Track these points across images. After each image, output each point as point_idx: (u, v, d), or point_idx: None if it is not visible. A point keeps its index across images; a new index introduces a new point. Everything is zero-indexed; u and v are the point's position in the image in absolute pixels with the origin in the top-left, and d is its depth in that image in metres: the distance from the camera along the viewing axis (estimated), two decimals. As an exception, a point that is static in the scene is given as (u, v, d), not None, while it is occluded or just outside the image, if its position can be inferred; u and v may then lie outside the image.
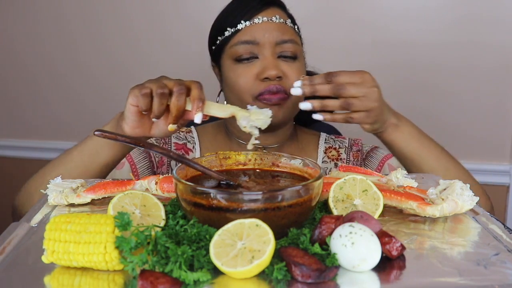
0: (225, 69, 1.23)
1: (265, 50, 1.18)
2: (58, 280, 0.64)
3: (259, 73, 1.17)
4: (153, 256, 0.63)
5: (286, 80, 1.17)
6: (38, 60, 2.16)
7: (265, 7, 1.20)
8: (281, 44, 1.19)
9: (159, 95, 0.92)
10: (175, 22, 2.03)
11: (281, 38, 1.19)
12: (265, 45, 1.18)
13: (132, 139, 0.79)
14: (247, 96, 1.18)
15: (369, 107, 1.03)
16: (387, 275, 0.63)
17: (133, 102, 0.96)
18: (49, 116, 2.23)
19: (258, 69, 1.17)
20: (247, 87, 1.18)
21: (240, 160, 0.89)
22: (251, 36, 1.18)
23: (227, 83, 1.23)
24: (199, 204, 0.69)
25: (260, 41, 1.18)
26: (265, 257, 0.60)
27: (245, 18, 1.19)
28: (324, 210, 0.81)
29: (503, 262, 0.66)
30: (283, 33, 1.20)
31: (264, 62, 1.17)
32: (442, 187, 0.85)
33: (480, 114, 1.97)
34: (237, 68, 1.19)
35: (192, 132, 1.38)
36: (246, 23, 1.19)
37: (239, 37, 1.19)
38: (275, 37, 1.18)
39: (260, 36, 1.18)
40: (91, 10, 2.08)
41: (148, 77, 0.99)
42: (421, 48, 1.93)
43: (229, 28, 1.21)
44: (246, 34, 1.19)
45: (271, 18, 1.19)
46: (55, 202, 0.87)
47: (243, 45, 1.18)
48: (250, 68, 1.18)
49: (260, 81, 1.17)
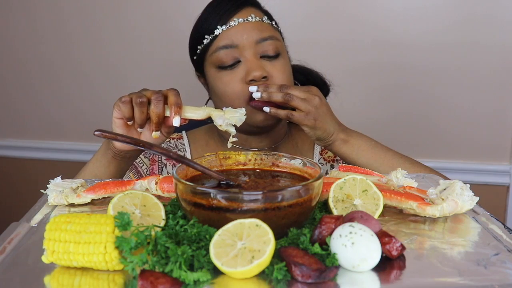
0: (211, 78, 1.22)
1: (246, 51, 1.17)
2: (58, 280, 0.64)
3: (244, 77, 1.16)
4: (153, 256, 0.63)
5: (271, 80, 1.17)
6: (37, 60, 2.16)
7: (239, 8, 1.19)
8: (261, 43, 1.18)
9: (138, 104, 0.99)
10: (173, 23, 2.03)
11: (260, 37, 1.18)
12: (245, 46, 1.17)
13: (132, 139, 0.79)
14: (239, 102, 1.17)
15: (308, 109, 1.09)
16: (387, 275, 0.63)
17: (117, 115, 1.03)
18: (48, 116, 2.23)
19: (243, 72, 1.17)
20: (236, 93, 1.17)
21: (240, 160, 0.89)
22: (229, 40, 1.17)
23: (216, 92, 1.22)
24: (199, 204, 0.69)
25: (240, 43, 1.17)
26: (265, 257, 0.60)
27: (221, 23, 1.18)
28: (324, 210, 0.81)
29: (503, 262, 0.66)
30: (261, 31, 1.19)
31: (247, 64, 1.17)
32: (442, 187, 0.85)
33: (480, 114, 1.97)
34: (222, 75, 1.19)
35: (183, 138, 1.37)
36: (222, 27, 1.18)
37: (218, 43, 1.18)
38: (254, 36, 1.17)
39: (239, 38, 1.17)
40: (89, 11, 2.07)
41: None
42: (421, 48, 1.93)
43: (207, 36, 1.19)
44: (224, 39, 1.18)
45: (247, 18, 1.18)
46: (55, 202, 0.87)
47: (223, 50, 1.17)
48: (235, 73, 1.17)
49: (246, 84, 1.16)
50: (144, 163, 1.31)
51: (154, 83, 2.07)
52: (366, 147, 1.17)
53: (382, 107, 2.03)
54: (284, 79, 1.20)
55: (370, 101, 2.03)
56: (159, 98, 0.99)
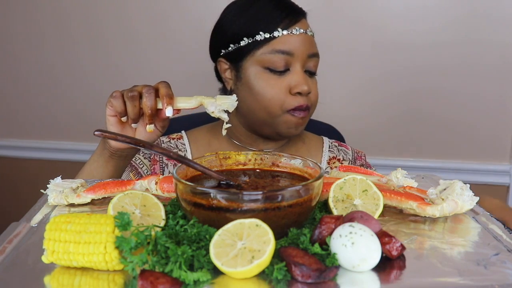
0: (251, 75, 1.19)
1: (298, 63, 1.17)
2: (58, 280, 0.64)
3: (291, 87, 1.17)
4: (153, 256, 0.63)
5: (310, 95, 1.20)
6: (36, 60, 2.16)
7: (301, 18, 1.20)
8: (311, 58, 1.19)
9: (130, 98, 1.00)
10: (174, 22, 2.03)
11: (312, 51, 1.19)
12: (299, 57, 1.17)
13: (132, 139, 0.79)
14: (277, 108, 1.17)
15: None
16: (387, 275, 0.63)
17: (110, 112, 1.04)
18: (47, 116, 2.23)
19: (290, 82, 1.17)
20: (278, 100, 1.17)
21: (240, 160, 0.89)
22: (288, 46, 1.16)
23: (253, 91, 1.19)
24: (199, 204, 0.69)
25: (295, 53, 1.17)
26: (265, 257, 0.60)
27: (283, 26, 1.16)
28: (324, 210, 0.81)
29: (503, 262, 0.66)
30: (313, 46, 1.21)
31: (295, 76, 1.17)
32: (442, 187, 0.85)
33: (480, 114, 1.97)
34: (269, 78, 1.18)
35: (183, 138, 1.36)
36: (283, 31, 1.16)
37: (275, 45, 1.16)
38: (308, 50, 1.18)
39: (297, 47, 1.17)
40: (90, 11, 2.08)
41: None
42: (421, 48, 1.93)
43: (262, 33, 1.17)
44: (283, 44, 1.16)
45: (306, 30, 1.19)
46: (55, 202, 0.87)
47: (279, 54, 1.16)
48: (282, 80, 1.17)
49: (291, 95, 1.17)
50: (145, 164, 1.30)
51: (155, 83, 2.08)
52: None
53: (381, 108, 2.03)
54: (317, 96, 1.24)
55: (370, 101, 2.04)
56: (150, 91, 0.99)
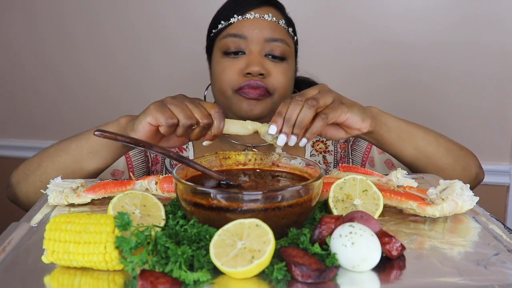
0: (213, 62, 1.25)
1: (252, 46, 1.19)
2: (58, 280, 0.64)
3: (243, 68, 1.19)
4: (153, 256, 0.63)
5: (269, 79, 1.19)
6: (38, 60, 2.16)
7: (260, 5, 1.22)
8: (270, 42, 1.20)
9: (185, 128, 0.94)
10: (174, 22, 2.03)
11: (270, 36, 1.20)
12: (253, 40, 1.19)
13: (132, 139, 0.79)
14: (228, 89, 1.20)
15: (332, 96, 0.98)
16: (387, 275, 0.63)
17: (152, 122, 0.96)
18: (49, 116, 2.23)
19: (243, 64, 1.19)
20: (229, 81, 1.19)
21: (240, 160, 0.89)
22: (240, 30, 1.20)
23: (213, 76, 1.26)
24: (199, 204, 0.69)
25: (249, 36, 1.19)
26: (265, 257, 0.60)
27: (238, 13, 1.21)
28: (324, 210, 0.81)
29: (503, 262, 0.66)
30: (273, 31, 1.21)
31: (249, 57, 1.19)
32: (442, 187, 0.85)
33: (480, 114, 1.97)
34: (224, 61, 1.21)
35: None
36: (238, 17, 1.21)
37: (229, 30, 1.21)
38: (264, 34, 1.19)
39: (250, 31, 1.19)
40: (91, 11, 2.07)
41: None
42: (421, 49, 1.93)
43: (223, 21, 1.23)
44: (236, 28, 1.21)
45: (264, 15, 1.21)
46: (55, 202, 0.87)
47: (231, 38, 1.20)
48: (236, 62, 1.19)
49: (242, 76, 1.18)
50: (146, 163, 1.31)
51: (157, 83, 2.09)
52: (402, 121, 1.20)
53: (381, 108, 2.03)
54: (282, 82, 1.20)
55: (370, 101, 2.03)
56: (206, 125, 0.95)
